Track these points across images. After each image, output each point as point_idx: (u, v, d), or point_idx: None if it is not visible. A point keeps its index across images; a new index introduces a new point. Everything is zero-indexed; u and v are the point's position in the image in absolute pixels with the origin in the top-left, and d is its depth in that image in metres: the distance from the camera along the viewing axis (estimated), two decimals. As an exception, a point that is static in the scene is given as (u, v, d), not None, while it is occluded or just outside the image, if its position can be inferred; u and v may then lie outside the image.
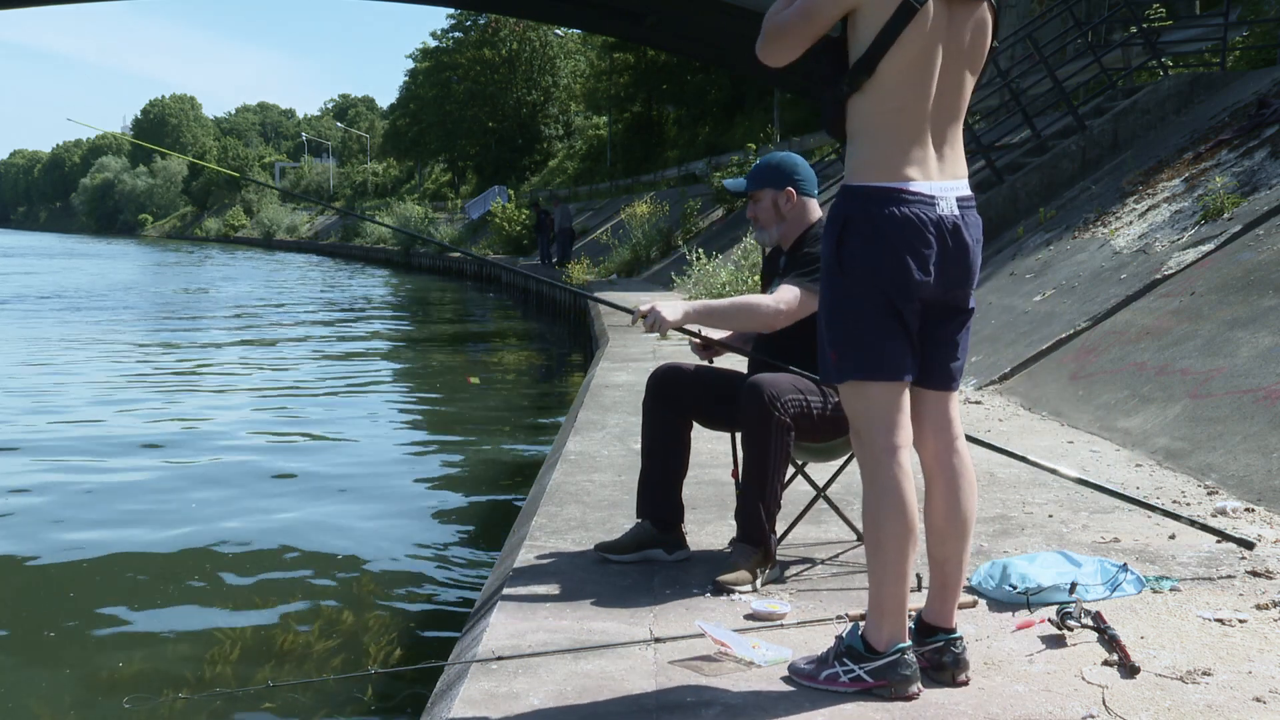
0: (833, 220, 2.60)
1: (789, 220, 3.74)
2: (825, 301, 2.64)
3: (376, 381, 14.01)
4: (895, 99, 2.53)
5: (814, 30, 2.54)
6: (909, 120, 2.54)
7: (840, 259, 2.57)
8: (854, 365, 2.59)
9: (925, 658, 2.71)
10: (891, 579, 2.60)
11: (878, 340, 2.57)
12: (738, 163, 23.58)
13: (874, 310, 2.57)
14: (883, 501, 2.58)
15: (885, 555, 2.59)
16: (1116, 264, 8.38)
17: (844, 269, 2.57)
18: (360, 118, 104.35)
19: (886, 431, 2.59)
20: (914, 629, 2.74)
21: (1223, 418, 5.22)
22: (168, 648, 5.05)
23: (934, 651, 2.70)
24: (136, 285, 33.40)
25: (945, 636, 2.70)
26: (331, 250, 65.24)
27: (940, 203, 2.57)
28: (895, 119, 2.54)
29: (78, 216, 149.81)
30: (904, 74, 2.52)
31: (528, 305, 26.73)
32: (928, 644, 2.71)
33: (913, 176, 2.55)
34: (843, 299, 2.59)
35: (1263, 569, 3.55)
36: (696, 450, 3.87)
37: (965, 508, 2.70)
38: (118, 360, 15.16)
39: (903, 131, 2.54)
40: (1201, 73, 13.34)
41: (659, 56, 40.94)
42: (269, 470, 8.57)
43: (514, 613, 3.28)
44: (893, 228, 2.53)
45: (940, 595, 2.73)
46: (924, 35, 2.51)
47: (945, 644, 2.70)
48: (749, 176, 3.78)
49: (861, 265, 2.55)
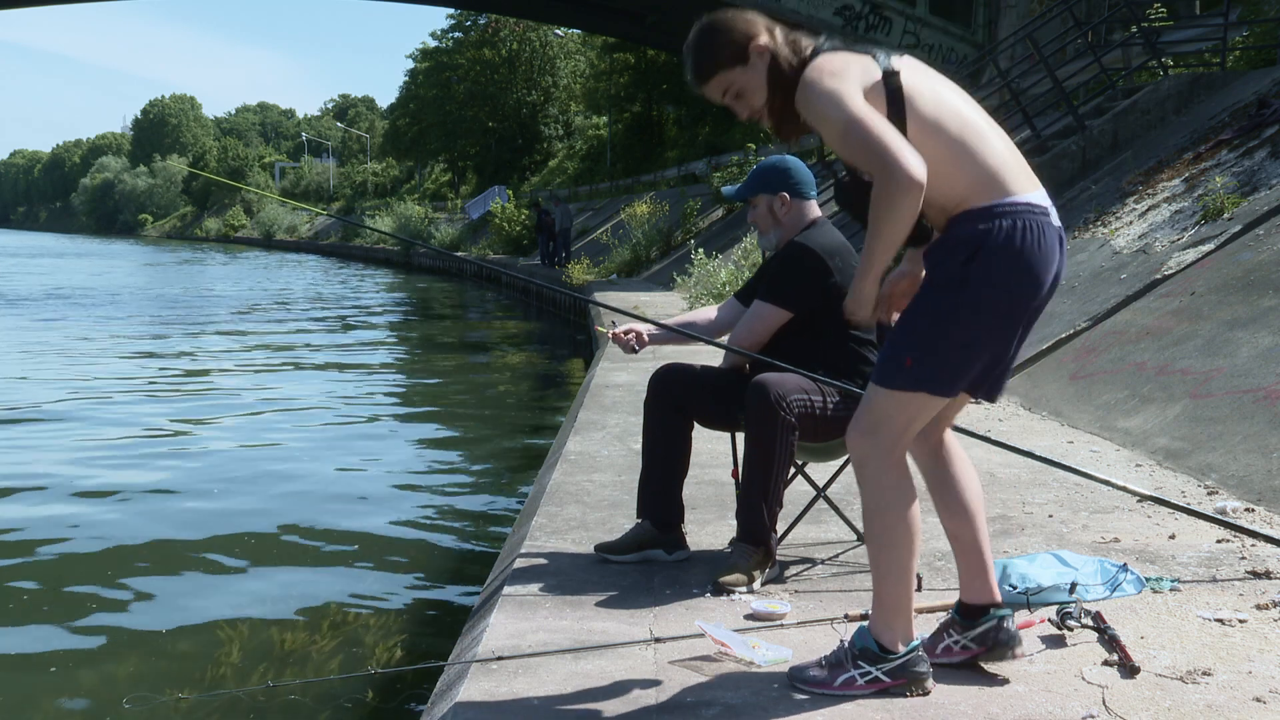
0: (962, 242, 2.49)
1: (786, 224, 3.75)
2: (927, 312, 2.53)
3: (376, 381, 14.00)
4: (945, 141, 2.50)
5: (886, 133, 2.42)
6: (976, 145, 2.52)
7: (967, 276, 2.48)
8: (928, 377, 2.52)
9: (978, 641, 2.71)
10: (900, 578, 2.60)
11: (968, 360, 2.53)
12: (737, 163, 23.57)
13: (988, 331, 2.52)
14: (894, 501, 2.58)
15: (895, 554, 2.59)
16: (1116, 264, 8.38)
17: (970, 285, 2.47)
18: (360, 118, 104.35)
19: (904, 437, 2.59)
20: (956, 615, 2.74)
21: (1223, 418, 5.21)
22: (168, 648, 5.05)
23: (986, 632, 2.70)
24: (137, 285, 33.40)
25: (997, 614, 2.70)
26: (331, 250, 65.26)
27: (1052, 212, 2.57)
28: (962, 150, 2.51)
29: (78, 216, 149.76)
30: (935, 121, 2.51)
31: (528, 305, 26.73)
32: (980, 624, 2.70)
33: (1028, 188, 2.52)
34: (954, 313, 2.49)
35: (1263, 569, 3.55)
36: (696, 450, 3.87)
37: (977, 483, 2.77)
38: (116, 359, 15.15)
39: (980, 155, 2.51)
40: (1201, 73, 13.35)
41: (659, 56, 40.93)
42: (268, 470, 8.57)
43: (514, 613, 3.28)
44: (1031, 243, 2.48)
45: (981, 572, 2.73)
46: (920, 79, 2.53)
47: (998, 621, 2.70)
48: (743, 183, 3.79)
49: (996, 283, 2.47)
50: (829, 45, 2.61)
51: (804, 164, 3.88)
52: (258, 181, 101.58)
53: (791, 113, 2.58)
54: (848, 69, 2.50)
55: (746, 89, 2.63)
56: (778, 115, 2.63)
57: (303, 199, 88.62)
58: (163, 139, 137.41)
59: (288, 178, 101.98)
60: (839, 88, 2.45)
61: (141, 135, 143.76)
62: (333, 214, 7.38)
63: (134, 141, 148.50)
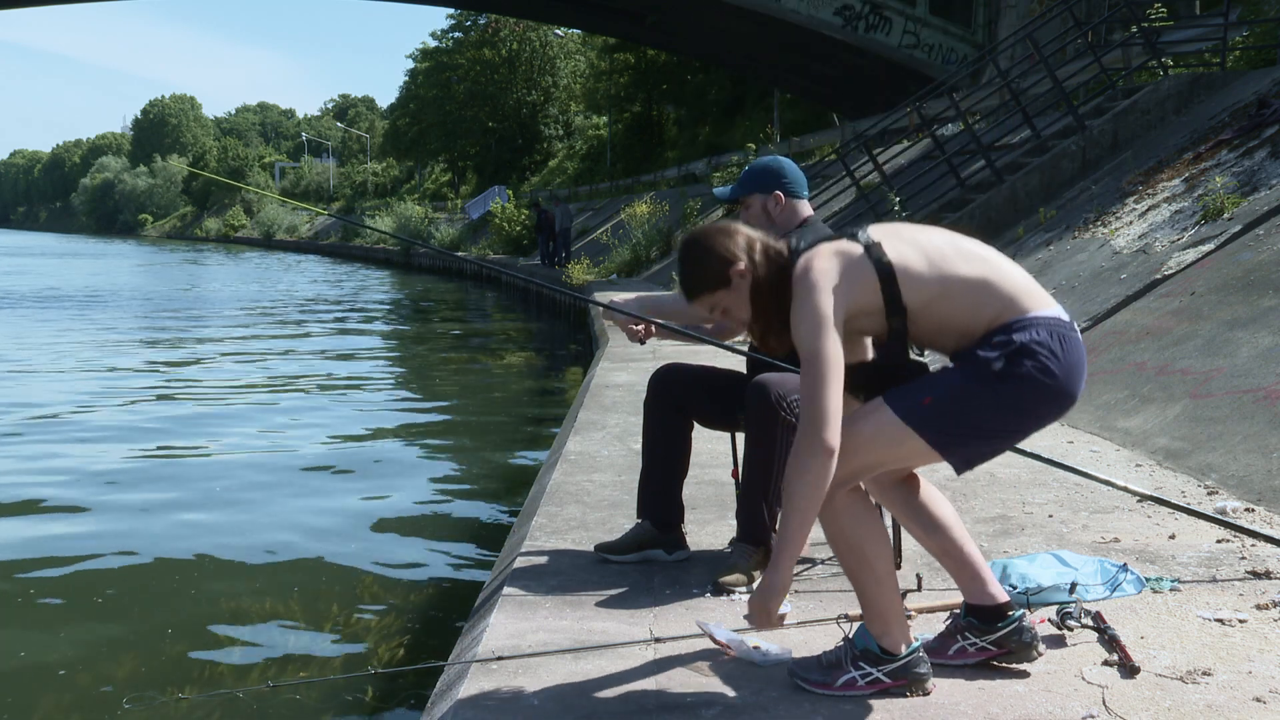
0: (1000, 345, 2.52)
1: (779, 224, 3.74)
2: (960, 385, 2.54)
3: (375, 381, 14.01)
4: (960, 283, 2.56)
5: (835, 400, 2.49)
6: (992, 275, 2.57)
7: (1006, 373, 2.50)
8: (936, 428, 2.54)
9: (997, 644, 2.72)
10: (887, 587, 2.63)
11: (977, 440, 2.57)
12: (738, 163, 23.58)
13: (1008, 426, 2.57)
14: (860, 519, 2.60)
15: (875, 567, 2.61)
16: (1116, 264, 8.38)
17: (1008, 382, 2.50)
18: (360, 118, 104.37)
19: (871, 470, 2.62)
20: (970, 619, 2.74)
21: (1223, 418, 5.22)
22: (168, 648, 5.05)
23: (1007, 635, 2.71)
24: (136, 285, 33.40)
25: (1015, 616, 2.71)
26: (331, 250, 65.25)
27: (1076, 327, 2.62)
28: (980, 284, 2.56)
29: (78, 216, 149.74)
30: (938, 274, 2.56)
31: (528, 305, 26.73)
32: (1000, 628, 2.71)
33: (1050, 304, 2.59)
34: (985, 398, 2.52)
35: (1263, 569, 3.55)
36: (696, 450, 3.87)
37: (941, 494, 2.80)
38: (117, 359, 15.16)
39: (998, 282, 2.57)
40: (1201, 73, 13.35)
41: (659, 56, 40.93)
42: (268, 470, 8.57)
43: (514, 613, 3.28)
44: (1067, 353, 2.53)
45: (981, 574, 2.75)
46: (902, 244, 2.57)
47: (1018, 623, 2.71)
48: (736, 184, 3.78)
49: (1030, 389, 2.51)
50: (805, 243, 2.68)
51: (796, 164, 3.88)
52: (258, 181, 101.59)
53: (774, 326, 2.67)
54: (829, 273, 2.54)
55: (732, 306, 2.71)
56: (759, 330, 2.72)
57: (303, 199, 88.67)
58: (163, 139, 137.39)
59: (288, 178, 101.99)
60: (821, 311, 2.50)
61: (141, 135, 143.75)
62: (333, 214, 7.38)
63: (134, 141, 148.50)
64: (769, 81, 31.92)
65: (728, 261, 2.66)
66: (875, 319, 2.58)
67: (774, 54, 26.91)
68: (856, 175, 14.19)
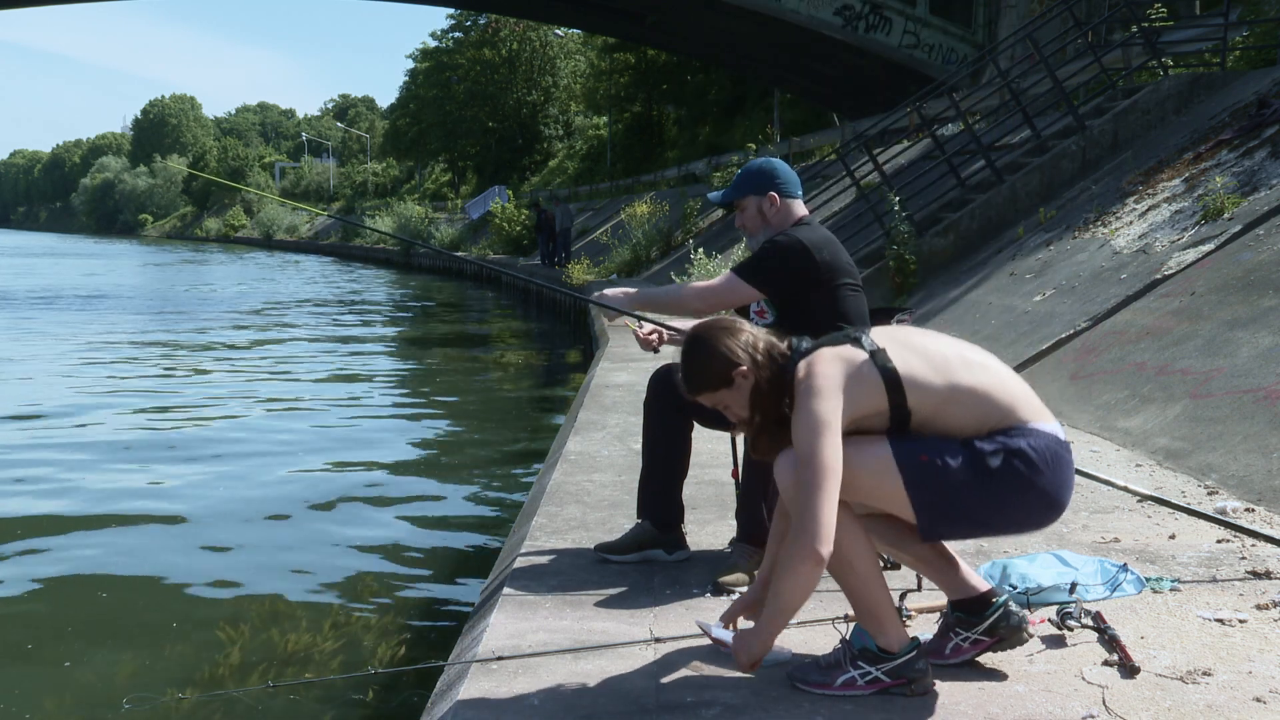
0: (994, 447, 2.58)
1: (774, 224, 3.73)
2: (953, 462, 2.57)
3: (375, 381, 14.01)
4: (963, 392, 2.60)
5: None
6: (991, 383, 2.62)
7: (996, 471, 2.56)
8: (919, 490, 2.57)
9: (988, 632, 2.73)
10: (874, 586, 2.64)
11: (958, 520, 2.61)
12: (737, 163, 23.56)
13: (990, 520, 2.63)
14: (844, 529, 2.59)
15: (856, 566, 2.61)
16: (1116, 264, 8.37)
17: (995, 479, 2.56)
18: (360, 118, 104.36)
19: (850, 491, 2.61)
20: (958, 614, 2.76)
21: (1223, 418, 5.21)
22: (168, 648, 5.05)
23: (996, 623, 2.72)
24: (137, 285, 33.39)
25: (999, 602, 2.73)
26: (331, 250, 65.24)
27: (1070, 446, 2.68)
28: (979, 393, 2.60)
29: (78, 216, 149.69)
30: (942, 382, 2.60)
31: (528, 305, 26.73)
32: (987, 616, 2.72)
33: (1047, 419, 2.64)
34: (973, 488, 2.57)
35: (1263, 569, 3.55)
36: (696, 450, 3.87)
37: None
38: (117, 359, 15.15)
39: (996, 394, 2.61)
40: (1201, 73, 13.34)
41: (659, 56, 40.92)
42: (267, 471, 8.57)
43: (514, 613, 3.28)
44: (1056, 468, 2.60)
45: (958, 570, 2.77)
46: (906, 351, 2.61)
47: (1004, 608, 2.72)
48: (730, 187, 3.77)
49: (1020, 489, 2.57)
50: (805, 346, 2.70)
51: (789, 165, 3.87)
52: (258, 181, 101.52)
53: (768, 428, 2.71)
54: (833, 378, 2.57)
55: (733, 404, 2.75)
56: (753, 432, 2.76)
57: (303, 199, 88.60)
58: (163, 139, 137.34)
59: (288, 178, 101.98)
60: (822, 415, 2.53)
61: (141, 135, 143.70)
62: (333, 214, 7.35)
63: (134, 141, 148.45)
64: (769, 81, 31.91)
65: (731, 363, 2.70)
66: (879, 419, 2.62)
67: (774, 54, 26.90)
68: (856, 175, 14.18)
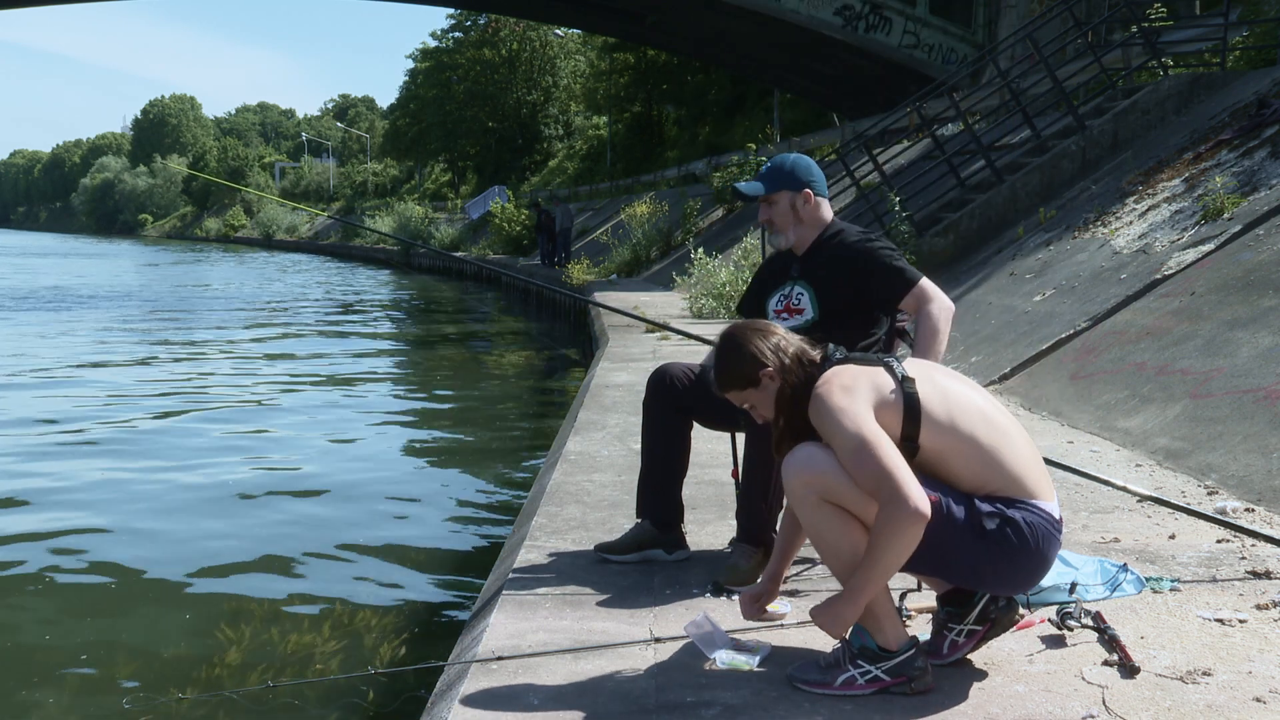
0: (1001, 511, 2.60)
1: (806, 223, 3.71)
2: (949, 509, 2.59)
3: (376, 381, 14.00)
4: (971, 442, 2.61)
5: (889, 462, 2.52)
6: (1001, 444, 2.63)
7: (990, 534, 2.59)
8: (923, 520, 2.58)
9: (979, 620, 2.73)
10: (883, 586, 2.63)
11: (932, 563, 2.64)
12: (738, 163, 23.56)
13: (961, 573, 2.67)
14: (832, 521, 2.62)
15: (888, 566, 2.57)
16: (1116, 264, 8.37)
17: (984, 542, 2.59)
18: (360, 118, 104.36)
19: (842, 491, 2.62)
20: (947, 609, 2.77)
21: (1223, 418, 5.21)
22: (168, 648, 5.05)
23: (985, 609, 2.73)
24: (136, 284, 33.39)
25: (981, 594, 2.73)
26: (331, 250, 65.22)
27: (1061, 527, 2.70)
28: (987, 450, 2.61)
29: (78, 216, 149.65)
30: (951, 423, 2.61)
31: (528, 305, 26.72)
32: (974, 605, 2.73)
33: (1048, 496, 2.66)
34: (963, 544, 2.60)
35: (1263, 569, 3.55)
36: (696, 450, 3.87)
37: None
38: (117, 359, 15.15)
39: (1004, 456, 2.63)
40: (1201, 73, 13.34)
41: (659, 56, 40.92)
42: (267, 471, 8.57)
43: (514, 613, 3.28)
44: (1042, 550, 2.62)
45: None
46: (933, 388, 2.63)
47: (989, 599, 2.73)
48: (765, 179, 3.71)
49: (1006, 556, 2.60)
50: (839, 356, 2.73)
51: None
52: (258, 181, 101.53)
53: (796, 429, 2.71)
54: (857, 384, 2.60)
55: (759, 404, 2.80)
56: (775, 435, 2.78)
57: (302, 199, 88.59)
58: (163, 139, 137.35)
59: (288, 178, 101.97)
60: (850, 406, 2.56)
61: (141, 135, 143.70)
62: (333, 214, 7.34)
63: (134, 141, 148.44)
64: (769, 81, 31.91)
65: (759, 364, 2.73)
66: None
67: (774, 54, 26.91)
68: (856, 175, 14.18)
